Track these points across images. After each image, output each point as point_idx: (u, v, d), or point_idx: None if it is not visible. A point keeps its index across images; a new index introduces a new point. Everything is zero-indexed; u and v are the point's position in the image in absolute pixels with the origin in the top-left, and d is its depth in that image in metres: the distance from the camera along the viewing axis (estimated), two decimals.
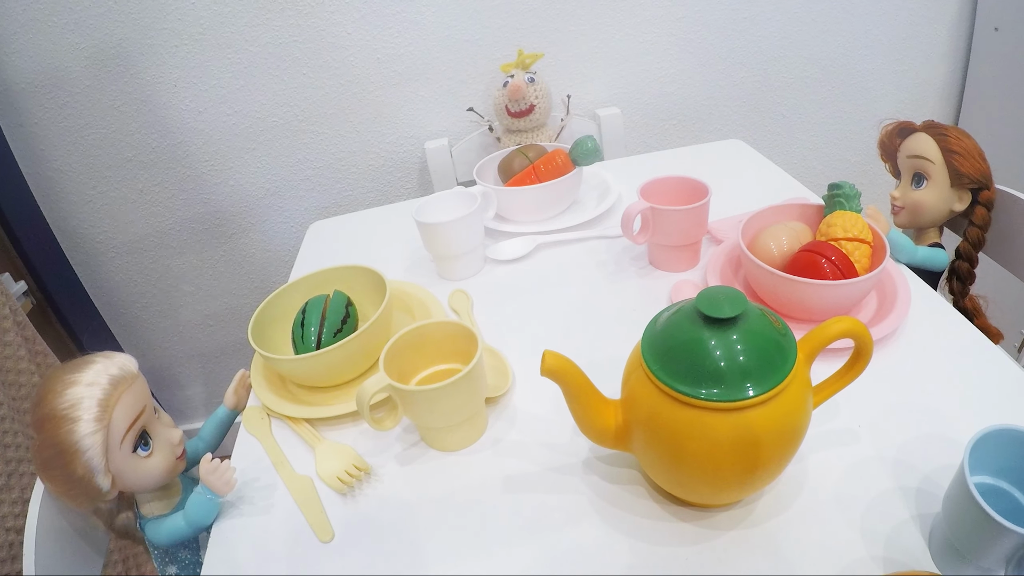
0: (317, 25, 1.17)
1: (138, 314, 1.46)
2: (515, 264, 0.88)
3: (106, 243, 1.36)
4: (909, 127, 0.83)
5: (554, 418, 0.61)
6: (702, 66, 1.29)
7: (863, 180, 1.42)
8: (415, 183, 1.36)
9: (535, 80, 1.14)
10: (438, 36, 1.20)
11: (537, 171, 0.94)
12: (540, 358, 0.49)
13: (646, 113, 1.33)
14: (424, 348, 0.64)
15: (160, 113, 1.22)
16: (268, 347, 0.69)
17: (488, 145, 1.25)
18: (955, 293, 0.85)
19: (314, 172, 1.33)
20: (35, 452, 0.57)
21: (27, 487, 0.93)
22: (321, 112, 1.26)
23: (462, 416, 0.58)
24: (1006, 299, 0.89)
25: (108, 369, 0.58)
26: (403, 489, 0.58)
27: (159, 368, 1.56)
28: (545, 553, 0.50)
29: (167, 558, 0.67)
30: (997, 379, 0.58)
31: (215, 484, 0.57)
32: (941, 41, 1.32)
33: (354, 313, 0.72)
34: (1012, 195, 0.81)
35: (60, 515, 0.66)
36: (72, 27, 1.13)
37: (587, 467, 0.56)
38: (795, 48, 1.29)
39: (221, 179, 1.31)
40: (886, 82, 1.36)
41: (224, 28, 1.16)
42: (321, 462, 0.61)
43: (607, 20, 1.22)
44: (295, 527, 0.56)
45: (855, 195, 0.71)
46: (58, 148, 1.24)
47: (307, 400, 0.69)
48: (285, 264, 1.43)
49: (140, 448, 0.60)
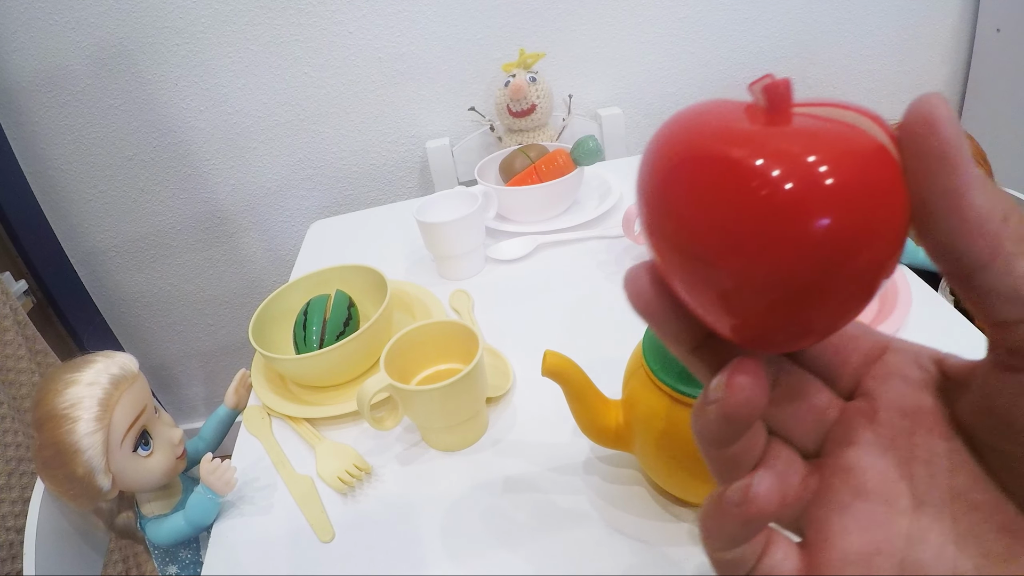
0: (318, 24, 1.17)
1: (139, 313, 1.46)
2: (516, 264, 0.88)
3: (107, 242, 1.36)
4: None
5: (554, 418, 0.61)
6: (703, 66, 1.29)
7: None
8: (416, 183, 1.36)
9: (537, 80, 1.14)
10: (439, 35, 1.20)
11: (538, 171, 0.94)
12: (541, 358, 0.49)
13: (647, 113, 1.33)
14: (425, 348, 0.64)
15: (161, 112, 1.22)
16: (269, 347, 0.69)
17: (489, 145, 1.25)
18: (956, 294, 0.85)
19: (315, 171, 1.33)
20: (35, 451, 0.57)
21: (27, 487, 0.93)
22: (322, 111, 1.26)
23: (463, 416, 0.58)
24: None
25: (109, 368, 0.58)
26: (403, 489, 0.58)
27: (159, 367, 1.56)
28: (545, 553, 0.50)
29: (167, 558, 0.67)
30: None
31: (215, 484, 0.57)
32: (942, 42, 1.31)
33: (356, 315, 0.72)
34: (1013, 196, 0.81)
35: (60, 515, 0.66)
36: (73, 26, 1.13)
37: (587, 467, 0.56)
38: (796, 49, 1.29)
39: (222, 178, 1.31)
40: (887, 83, 1.35)
41: (225, 27, 1.16)
42: (321, 462, 0.61)
43: (609, 20, 1.22)
44: (295, 527, 0.56)
45: None
46: (59, 147, 1.24)
47: (308, 400, 0.69)
48: (285, 264, 1.43)
49: (140, 448, 0.60)
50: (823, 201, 0.16)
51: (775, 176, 0.16)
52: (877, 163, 0.17)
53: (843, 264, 0.17)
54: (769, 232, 0.16)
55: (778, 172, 0.16)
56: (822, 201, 0.16)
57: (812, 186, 0.16)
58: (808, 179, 0.16)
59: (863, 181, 0.16)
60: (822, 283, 0.17)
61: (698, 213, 0.17)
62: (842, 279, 0.17)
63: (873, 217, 0.17)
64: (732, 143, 0.17)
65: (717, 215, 0.17)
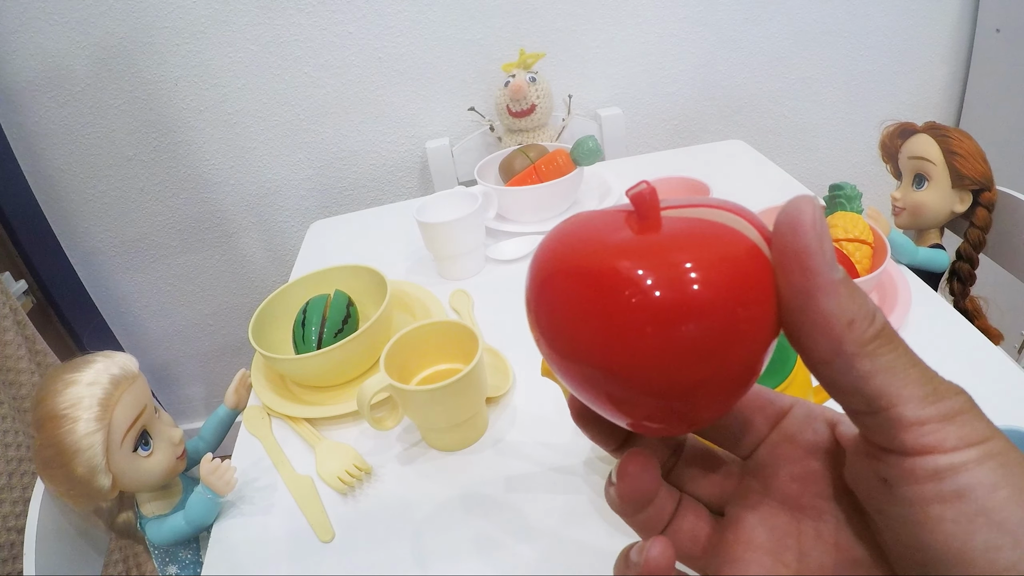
0: (318, 24, 1.17)
1: (138, 313, 1.46)
2: (516, 264, 0.88)
3: (106, 242, 1.36)
4: (910, 128, 0.83)
5: (554, 418, 0.61)
6: (703, 66, 1.29)
7: (864, 181, 1.42)
8: (416, 183, 1.36)
9: (536, 80, 1.14)
10: (439, 36, 1.20)
11: (538, 171, 0.94)
12: (541, 358, 0.49)
13: (647, 113, 1.33)
14: (425, 348, 0.63)
15: (161, 112, 1.22)
16: (268, 347, 0.69)
17: (489, 145, 1.25)
18: (956, 294, 0.85)
19: (315, 171, 1.33)
20: (35, 452, 0.57)
21: (28, 487, 0.94)
22: (322, 111, 1.26)
23: (463, 416, 0.58)
24: (1006, 300, 0.89)
25: (109, 368, 0.58)
26: (403, 489, 0.58)
27: (159, 367, 1.56)
28: (545, 553, 0.50)
29: (167, 558, 0.67)
30: (997, 380, 0.58)
31: (215, 484, 0.56)
32: (942, 42, 1.31)
33: (355, 313, 0.72)
34: (1013, 196, 0.81)
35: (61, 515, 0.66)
36: (73, 25, 1.13)
37: (587, 467, 0.56)
38: (796, 48, 1.29)
39: (222, 178, 1.31)
40: (887, 83, 1.35)
41: (225, 27, 1.16)
42: (321, 462, 0.61)
43: (609, 20, 1.22)
44: (295, 527, 0.56)
45: (856, 196, 0.71)
46: (59, 147, 1.24)
47: (307, 400, 0.69)
48: (285, 264, 1.43)
49: (140, 448, 0.60)
50: (690, 306, 0.17)
51: (645, 285, 0.17)
52: (744, 263, 0.18)
53: (716, 362, 0.17)
54: (643, 338, 0.17)
55: (649, 280, 0.17)
56: (689, 306, 0.17)
57: (679, 292, 0.17)
58: (676, 285, 0.17)
59: (729, 284, 0.17)
60: (699, 381, 0.18)
61: (579, 323, 0.18)
62: (717, 375, 0.18)
63: (741, 317, 0.17)
64: (602, 254, 0.18)
65: (594, 324, 0.18)
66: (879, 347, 0.18)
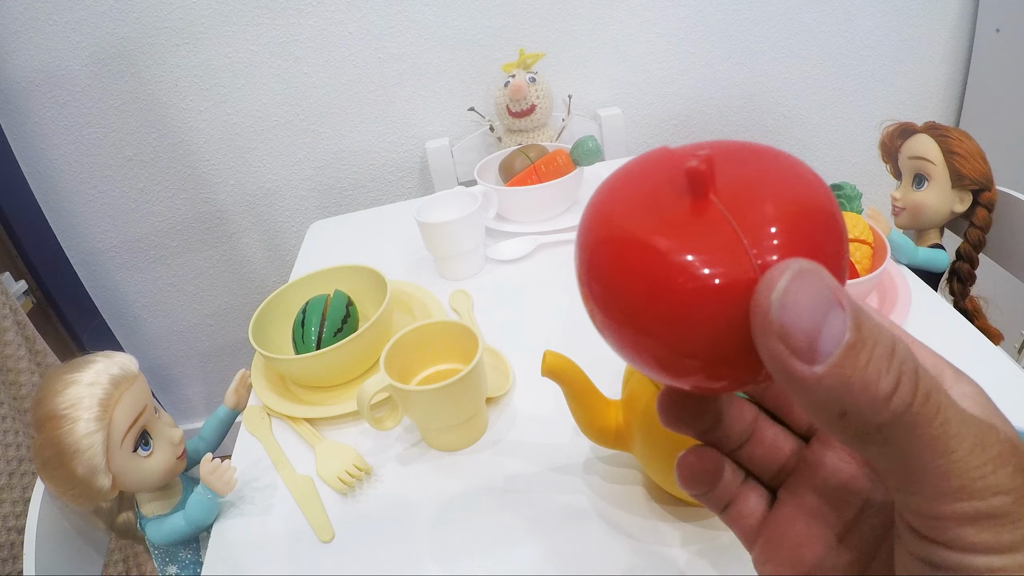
0: (318, 24, 1.17)
1: (138, 313, 1.46)
2: (516, 264, 0.88)
3: (106, 242, 1.36)
4: (910, 128, 0.83)
5: (554, 418, 0.61)
6: (703, 66, 1.29)
7: (864, 181, 1.42)
8: (416, 183, 1.36)
9: (536, 80, 1.14)
10: (439, 36, 1.20)
11: (538, 171, 0.94)
12: (541, 358, 0.49)
13: (647, 113, 1.33)
14: (424, 348, 0.64)
15: (161, 112, 1.22)
16: (268, 347, 0.69)
17: (489, 145, 1.25)
18: (955, 294, 0.85)
19: (315, 171, 1.33)
20: (35, 452, 0.57)
21: (28, 487, 0.94)
22: (322, 111, 1.26)
23: (462, 416, 0.58)
24: (1006, 300, 0.89)
25: (109, 369, 0.58)
26: (403, 489, 0.58)
27: (159, 368, 1.56)
28: (545, 553, 0.50)
29: (167, 558, 0.67)
30: (997, 380, 0.58)
31: (215, 484, 0.57)
32: (942, 42, 1.31)
33: (355, 313, 0.72)
34: (1013, 196, 0.81)
35: (61, 515, 0.66)
36: (73, 26, 1.13)
37: (587, 467, 0.56)
38: (796, 49, 1.29)
39: (221, 178, 1.31)
40: (887, 83, 1.35)
41: (225, 27, 1.16)
42: (321, 462, 0.61)
43: (608, 20, 1.22)
44: (295, 527, 0.56)
45: (856, 196, 0.71)
46: (59, 147, 1.24)
47: (307, 400, 0.69)
48: (285, 264, 1.43)
49: (140, 448, 0.60)
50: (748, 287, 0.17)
51: (705, 273, 0.17)
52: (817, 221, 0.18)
53: None
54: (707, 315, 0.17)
55: (708, 270, 0.17)
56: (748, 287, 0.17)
57: (740, 278, 0.17)
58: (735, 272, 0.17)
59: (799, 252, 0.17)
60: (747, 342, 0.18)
61: (641, 299, 0.18)
62: None
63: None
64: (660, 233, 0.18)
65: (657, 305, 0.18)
66: (892, 432, 0.15)
